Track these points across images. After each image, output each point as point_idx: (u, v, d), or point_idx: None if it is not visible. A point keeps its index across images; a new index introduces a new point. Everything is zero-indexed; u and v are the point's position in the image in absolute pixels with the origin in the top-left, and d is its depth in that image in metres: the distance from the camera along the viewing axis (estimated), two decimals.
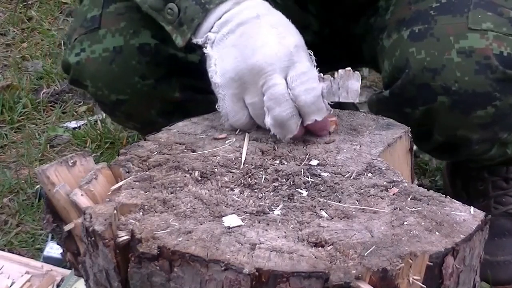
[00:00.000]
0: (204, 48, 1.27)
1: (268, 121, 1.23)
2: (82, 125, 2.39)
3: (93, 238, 1.05)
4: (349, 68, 1.24)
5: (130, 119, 1.66)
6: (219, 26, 1.26)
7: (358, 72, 1.25)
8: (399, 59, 1.47)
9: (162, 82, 1.54)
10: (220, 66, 1.25)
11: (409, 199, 1.13)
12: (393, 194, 1.14)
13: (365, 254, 1.00)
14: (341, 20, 1.71)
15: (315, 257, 0.99)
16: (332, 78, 1.24)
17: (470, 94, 1.43)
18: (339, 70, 1.24)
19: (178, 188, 1.15)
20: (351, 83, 1.22)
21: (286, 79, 1.22)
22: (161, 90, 1.55)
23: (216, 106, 1.29)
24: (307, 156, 1.24)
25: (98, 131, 2.30)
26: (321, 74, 1.24)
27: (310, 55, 1.26)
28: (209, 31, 1.27)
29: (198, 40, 1.28)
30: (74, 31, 1.59)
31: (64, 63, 1.61)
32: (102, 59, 1.53)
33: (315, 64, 1.26)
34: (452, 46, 1.42)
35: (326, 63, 1.35)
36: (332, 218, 1.09)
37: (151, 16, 1.36)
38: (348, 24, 1.71)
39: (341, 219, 1.09)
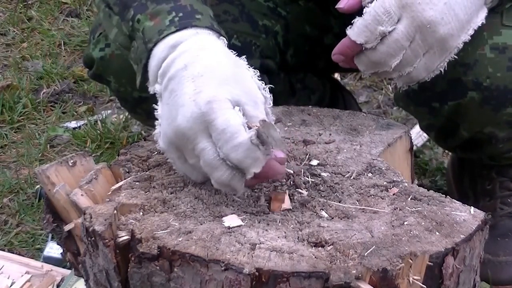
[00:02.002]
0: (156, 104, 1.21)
1: (213, 183, 1.12)
2: (82, 125, 2.38)
3: (93, 238, 1.05)
4: (262, 120, 1.11)
5: (151, 117, 1.66)
6: (160, 77, 1.17)
7: (272, 122, 1.14)
8: None
9: None
10: (161, 128, 1.18)
11: (409, 199, 1.13)
12: (393, 194, 1.14)
13: (365, 254, 1.00)
14: None
15: (315, 257, 0.99)
16: (257, 124, 1.10)
17: (501, 91, 1.43)
18: (259, 121, 1.10)
19: (178, 188, 1.15)
20: (272, 133, 1.09)
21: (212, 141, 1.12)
22: None
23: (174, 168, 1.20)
24: (307, 156, 1.24)
25: (98, 131, 2.30)
26: (245, 123, 1.09)
27: (259, 79, 1.16)
28: (156, 80, 1.20)
29: (150, 89, 1.21)
30: (98, 26, 1.58)
31: (87, 57, 1.61)
32: (127, 56, 1.53)
33: (263, 86, 1.16)
34: (485, 42, 1.42)
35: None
36: (332, 218, 1.09)
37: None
38: None
39: (341, 219, 1.09)
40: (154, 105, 1.19)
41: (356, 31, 1.22)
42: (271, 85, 1.18)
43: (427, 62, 1.26)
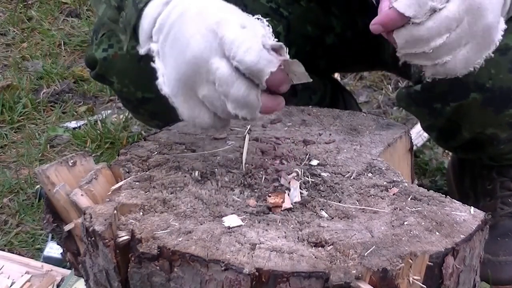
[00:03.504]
0: (152, 63, 1.21)
1: (230, 108, 1.13)
2: (82, 125, 2.38)
3: (93, 238, 1.05)
4: (284, 58, 1.13)
5: (154, 118, 1.65)
6: (156, 34, 1.19)
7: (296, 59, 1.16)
8: None
9: None
10: (166, 74, 1.18)
11: (409, 199, 1.13)
12: (393, 194, 1.14)
13: (365, 254, 1.00)
14: (363, 21, 1.71)
15: (315, 257, 0.99)
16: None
17: (503, 92, 1.43)
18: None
19: (178, 188, 1.15)
20: (295, 67, 1.12)
21: (226, 58, 1.13)
22: None
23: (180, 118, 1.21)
24: (307, 156, 1.24)
25: (98, 131, 2.30)
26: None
27: (259, 19, 1.17)
28: (150, 39, 1.20)
29: (142, 50, 1.22)
30: (101, 26, 1.59)
31: (89, 58, 1.61)
32: (130, 56, 1.53)
33: (267, 25, 1.16)
34: None
35: (344, 65, 1.33)
36: (332, 218, 1.09)
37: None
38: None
39: (341, 219, 1.09)
40: (151, 63, 1.19)
41: (405, 3, 1.14)
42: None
43: (466, 54, 1.19)
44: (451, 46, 1.17)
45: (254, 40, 1.11)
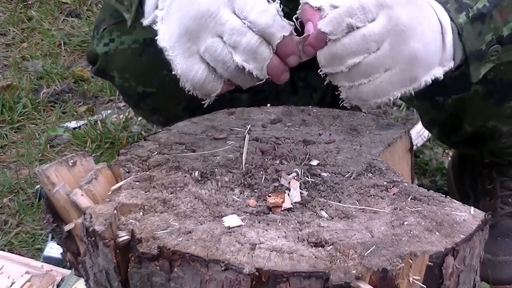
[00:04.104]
0: (154, 26, 1.21)
1: (238, 59, 1.12)
2: (82, 125, 2.39)
3: (93, 238, 1.05)
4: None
5: (155, 113, 1.66)
6: (163, 1, 1.18)
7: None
8: None
9: None
10: (167, 31, 1.17)
11: (409, 199, 1.13)
12: (393, 194, 1.14)
13: (365, 254, 1.00)
14: None
15: (315, 257, 0.99)
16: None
17: (505, 84, 1.43)
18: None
19: (178, 188, 1.15)
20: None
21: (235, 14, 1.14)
22: None
23: (173, 73, 1.19)
24: (307, 156, 1.24)
25: (98, 131, 2.30)
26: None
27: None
28: (156, 8, 1.20)
29: (147, 21, 1.21)
30: (102, 21, 1.59)
31: (91, 53, 1.61)
32: (131, 51, 1.53)
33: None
34: None
35: None
36: (332, 218, 1.09)
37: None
38: None
39: (341, 219, 1.09)
40: (154, 26, 1.19)
41: (325, 21, 1.12)
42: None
43: (384, 82, 1.14)
44: (368, 69, 1.13)
45: (267, 4, 1.12)
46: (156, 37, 1.18)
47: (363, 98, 1.15)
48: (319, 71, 1.16)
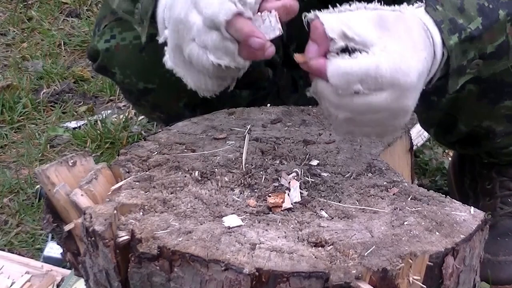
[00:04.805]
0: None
1: (212, 59, 1.12)
2: (82, 125, 2.38)
3: (93, 238, 1.05)
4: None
5: (156, 109, 1.66)
6: (167, 19, 1.18)
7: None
8: None
9: None
10: (169, 51, 1.18)
11: (409, 199, 1.13)
12: (393, 194, 1.14)
13: (365, 254, 1.00)
14: None
15: (315, 257, 0.99)
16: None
17: (499, 84, 1.43)
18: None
19: (178, 188, 1.15)
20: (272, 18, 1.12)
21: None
22: None
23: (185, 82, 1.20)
24: (307, 156, 1.24)
25: (98, 131, 2.30)
26: None
27: None
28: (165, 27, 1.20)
29: (161, 38, 1.20)
30: (103, 18, 1.59)
31: (92, 50, 1.61)
32: (132, 47, 1.53)
33: None
34: None
35: None
36: (332, 218, 1.09)
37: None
38: None
39: (341, 219, 1.09)
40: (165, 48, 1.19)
41: (335, 72, 1.08)
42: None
43: (373, 132, 1.15)
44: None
45: None
46: (163, 59, 1.19)
47: (330, 121, 1.15)
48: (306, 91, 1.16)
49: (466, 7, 1.18)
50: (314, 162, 1.23)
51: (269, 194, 1.14)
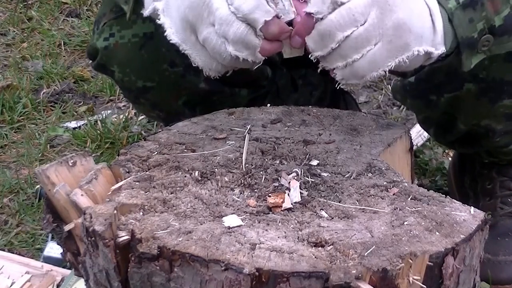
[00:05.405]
0: (157, 20, 1.21)
1: (231, 50, 1.14)
2: (82, 125, 2.38)
3: (93, 238, 1.05)
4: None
5: (155, 108, 1.66)
6: None
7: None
8: None
9: (190, 71, 1.53)
10: (174, 25, 1.18)
11: (409, 199, 1.13)
12: (393, 194, 1.14)
13: (365, 254, 1.00)
14: None
15: (315, 257, 0.99)
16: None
17: (498, 82, 1.43)
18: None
19: (178, 188, 1.15)
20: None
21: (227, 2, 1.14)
22: (189, 79, 1.55)
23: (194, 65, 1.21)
24: (307, 156, 1.24)
25: (98, 131, 2.30)
26: None
27: None
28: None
29: (147, 12, 1.22)
30: (103, 16, 1.59)
31: (91, 48, 1.61)
32: (131, 45, 1.54)
33: None
34: None
35: None
36: (332, 218, 1.09)
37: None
38: None
39: (341, 219, 1.09)
40: (157, 20, 1.19)
41: (309, 5, 1.12)
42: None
43: (376, 54, 1.14)
44: (359, 42, 1.13)
45: None
46: (165, 33, 1.19)
47: (359, 74, 1.15)
48: (310, 56, 1.16)
49: None
50: (314, 162, 1.23)
51: (269, 194, 1.14)
